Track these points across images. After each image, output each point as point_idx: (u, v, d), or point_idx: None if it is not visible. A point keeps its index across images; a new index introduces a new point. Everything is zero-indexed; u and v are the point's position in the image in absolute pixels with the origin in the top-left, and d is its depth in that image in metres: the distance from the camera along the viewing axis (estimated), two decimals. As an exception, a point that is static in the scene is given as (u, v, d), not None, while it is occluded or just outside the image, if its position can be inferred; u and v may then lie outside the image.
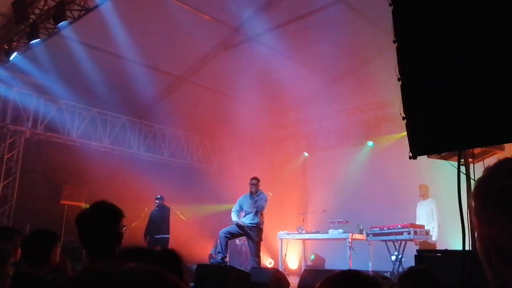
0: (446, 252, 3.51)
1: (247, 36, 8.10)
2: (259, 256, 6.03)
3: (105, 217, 1.65)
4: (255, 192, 6.17)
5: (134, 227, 7.58)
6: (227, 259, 6.13)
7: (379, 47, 7.56)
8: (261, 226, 6.14)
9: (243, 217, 6.25)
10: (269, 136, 10.48)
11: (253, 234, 6.04)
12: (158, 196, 7.87)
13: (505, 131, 2.10)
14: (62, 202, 7.76)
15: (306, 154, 10.05)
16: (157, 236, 7.56)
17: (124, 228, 1.71)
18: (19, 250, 2.09)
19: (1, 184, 7.49)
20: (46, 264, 2.01)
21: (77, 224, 1.65)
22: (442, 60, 2.25)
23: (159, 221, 7.68)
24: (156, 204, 7.84)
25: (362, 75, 8.49)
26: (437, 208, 6.61)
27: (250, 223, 6.10)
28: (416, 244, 6.06)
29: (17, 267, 2.02)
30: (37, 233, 2.13)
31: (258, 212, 6.08)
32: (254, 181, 6.22)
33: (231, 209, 6.57)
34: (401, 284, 1.99)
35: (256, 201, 6.11)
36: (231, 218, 8.53)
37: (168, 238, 7.66)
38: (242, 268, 5.80)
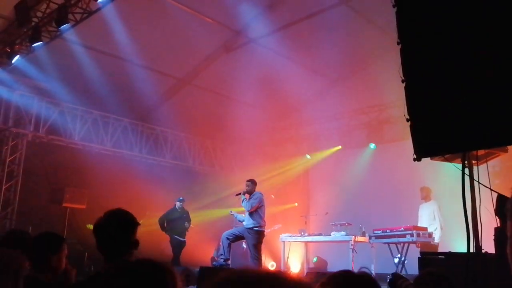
0: (450, 255, 3.49)
1: (249, 38, 8.11)
2: (260, 259, 5.97)
3: (119, 225, 1.69)
4: (248, 193, 6.15)
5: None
6: (229, 262, 6.10)
7: (380, 49, 7.56)
8: (258, 229, 5.99)
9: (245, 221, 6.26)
10: (271, 138, 10.48)
11: (250, 236, 5.96)
12: (181, 198, 7.96)
13: (508, 133, 2.10)
14: (64, 204, 7.75)
15: (308, 156, 10.04)
16: (181, 239, 7.78)
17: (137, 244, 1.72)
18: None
19: (4, 187, 7.49)
20: (50, 269, 1.98)
21: (94, 231, 1.69)
22: (446, 61, 2.25)
23: (181, 223, 7.81)
24: (179, 206, 7.89)
25: (364, 77, 8.50)
26: (439, 210, 6.59)
27: (246, 226, 6.06)
28: (417, 247, 6.03)
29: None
30: (41, 237, 2.09)
31: (254, 213, 5.98)
32: (246, 182, 6.25)
33: (232, 212, 6.64)
34: (418, 286, 1.97)
35: (247, 203, 6.09)
36: (233, 221, 8.54)
37: (185, 241, 7.96)
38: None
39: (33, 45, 6.17)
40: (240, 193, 6.22)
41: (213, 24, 7.71)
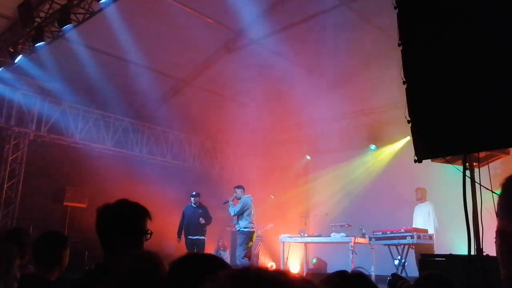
0: (450, 257, 3.49)
1: (250, 39, 8.12)
2: (245, 260, 6.12)
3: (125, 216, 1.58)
4: (237, 198, 6.61)
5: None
6: None
7: (382, 50, 7.56)
8: (243, 230, 6.40)
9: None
10: (272, 139, 10.48)
11: (238, 237, 6.42)
12: (194, 193, 7.36)
13: (510, 135, 2.10)
14: (65, 203, 7.78)
15: (308, 157, 10.04)
16: (193, 237, 7.14)
17: (149, 235, 1.59)
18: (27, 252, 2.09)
19: (5, 186, 7.51)
20: (57, 266, 2.01)
21: (97, 221, 1.58)
22: (448, 63, 2.25)
23: (196, 221, 7.17)
24: (193, 201, 7.32)
25: (365, 78, 8.50)
26: (434, 211, 6.58)
27: (237, 229, 6.52)
28: (412, 248, 6.00)
29: (23, 269, 2.02)
30: (47, 235, 2.12)
31: (240, 216, 6.44)
32: (234, 189, 6.72)
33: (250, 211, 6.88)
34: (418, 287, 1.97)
35: (232, 208, 6.57)
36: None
37: (205, 240, 7.27)
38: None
39: (35, 45, 6.19)
40: (227, 201, 6.65)
41: (214, 25, 7.72)
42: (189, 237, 7.17)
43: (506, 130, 2.07)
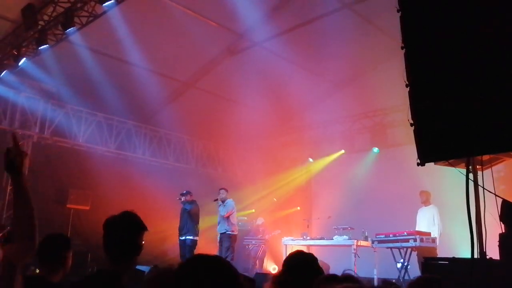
0: (454, 260, 3.47)
1: (253, 42, 8.14)
2: (231, 260, 6.17)
3: (128, 228, 1.71)
4: (222, 200, 6.94)
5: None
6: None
7: (384, 53, 7.57)
8: (230, 233, 6.73)
9: (218, 226, 6.97)
10: (274, 141, 10.48)
11: (224, 240, 6.72)
12: (184, 192, 7.11)
13: (513, 138, 2.09)
14: (68, 206, 7.81)
15: (311, 159, 10.03)
16: (181, 238, 6.88)
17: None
18: None
19: (9, 188, 7.54)
20: (62, 268, 2.02)
21: (103, 230, 1.71)
22: (451, 66, 2.25)
23: (184, 220, 6.93)
24: (181, 201, 7.07)
25: (367, 81, 8.50)
26: (439, 215, 6.55)
27: (220, 231, 6.82)
28: (414, 250, 5.97)
29: (25, 271, 2.03)
30: (52, 237, 2.13)
31: (227, 219, 6.75)
32: (221, 190, 7.06)
33: (235, 214, 7.04)
34: None
35: (223, 209, 6.91)
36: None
37: (193, 240, 6.79)
38: (247, 273, 5.77)
39: (39, 48, 6.23)
40: (217, 199, 7.02)
41: (217, 28, 7.75)
42: (179, 238, 7.00)
43: (509, 133, 2.06)
